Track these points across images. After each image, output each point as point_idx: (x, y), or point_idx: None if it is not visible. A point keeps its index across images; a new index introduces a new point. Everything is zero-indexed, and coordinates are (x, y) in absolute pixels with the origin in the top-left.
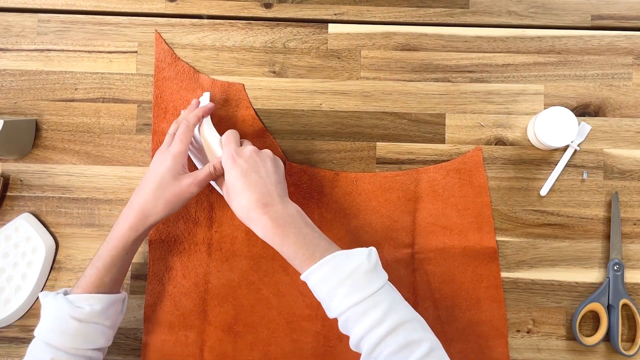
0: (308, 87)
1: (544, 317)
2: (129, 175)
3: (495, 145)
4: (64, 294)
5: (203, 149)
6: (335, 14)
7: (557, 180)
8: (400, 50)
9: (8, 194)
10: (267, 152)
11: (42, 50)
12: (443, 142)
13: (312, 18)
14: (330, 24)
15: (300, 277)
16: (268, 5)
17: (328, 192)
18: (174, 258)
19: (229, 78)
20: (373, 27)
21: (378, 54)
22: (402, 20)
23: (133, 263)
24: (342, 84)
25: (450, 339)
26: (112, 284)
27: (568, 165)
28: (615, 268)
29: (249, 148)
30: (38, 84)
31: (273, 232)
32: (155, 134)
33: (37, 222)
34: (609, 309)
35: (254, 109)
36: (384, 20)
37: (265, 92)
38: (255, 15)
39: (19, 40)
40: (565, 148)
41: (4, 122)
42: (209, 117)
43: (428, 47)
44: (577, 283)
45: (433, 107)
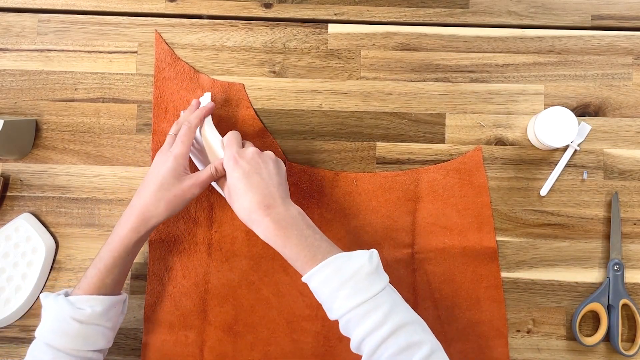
0: (308, 87)
1: (544, 317)
2: (129, 175)
3: (495, 145)
4: (65, 295)
5: (204, 150)
6: (335, 14)
7: (557, 180)
8: (400, 50)
9: (8, 194)
10: (269, 153)
11: (42, 50)
12: (443, 142)
13: (312, 18)
14: (330, 24)
15: (302, 278)
16: (268, 5)
17: (328, 192)
18: (174, 258)
19: (229, 78)
20: (373, 27)
21: (378, 54)
22: (402, 20)
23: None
24: (342, 84)
25: (450, 339)
26: (113, 285)
27: (568, 165)
28: (615, 268)
29: (251, 150)
30: (38, 84)
31: (275, 233)
32: (155, 134)
33: (37, 222)
34: (609, 309)
35: (254, 109)
36: (384, 20)
37: (265, 92)
38: (255, 15)
39: (19, 40)
40: (565, 148)
41: (4, 122)
42: (210, 117)
43: (428, 47)
44: (577, 283)
45: (433, 107)
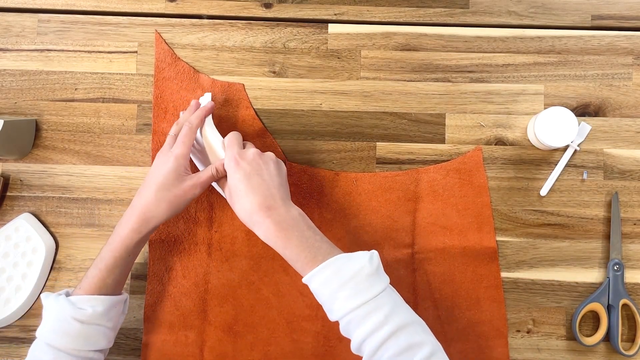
0: (308, 87)
1: (544, 317)
2: (129, 175)
3: (495, 145)
4: (66, 295)
5: (204, 150)
6: (335, 14)
7: (557, 180)
8: (400, 50)
9: (8, 194)
10: (269, 154)
11: (42, 50)
12: (443, 142)
13: (312, 18)
14: (330, 24)
15: (302, 280)
16: (268, 5)
17: (328, 192)
18: (174, 258)
19: (229, 78)
20: (373, 27)
21: (378, 54)
22: (402, 20)
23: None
24: (342, 84)
25: (450, 339)
26: (114, 286)
27: (568, 165)
28: (615, 268)
29: (252, 151)
30: (38, 84)
31: (276, 235)
32: (155, 134)
33: (37, 222)
34: (609, 309)
35: (254, 109)
36: (384, 20)
37: (265, 92)
38: (255, 15)
39: (19, 40)
40: (565, 148)
41: (4, 122)
42: (211, 118)
43: (428, 47)
44: (577, 283)
45: (433, 107)
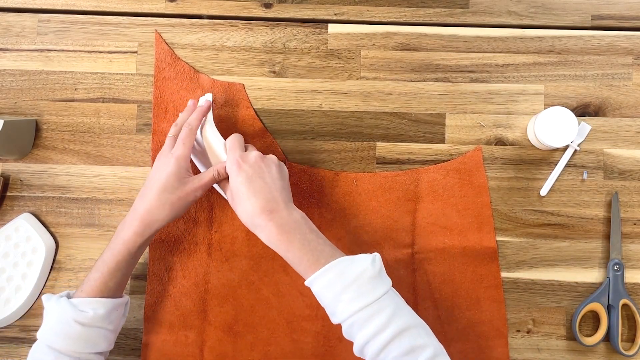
0: (308, 87)
1: (544, 317)
2: (129, 175)
3: (495, 145)
4: (67, 297)
5: (205, 151)
6: (335, 14)
7: (557, 180)
8: (400, 50)
9: (8, 194)
10: (272, 157)
11: (42, 50)
12: (443, 142)
13: (312, 18)
14: (330, 24)
15: (305, 282)
16: (268, 5)
17: (328, 192)
18: (174, 258)
19: (229, 78)
20: (373, 27)
21: (378, 54)
22: (402, 20)
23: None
24: (342, 84)
25: (450, 339)
26: (115, 288)
27: (568, 165)
28: (615, 268)
29: (254, 154)
30: (38, 84)
31: (278, 238)
32: (155, 134)
33: (37, 222)
34: (609, 309)
35: (254, 109)
36: (384, 20)
37: (265, 92)
38: (255, 15)
39: (19, 40)
40: (565, 148)
41: (4, 122)
42: (212, 119)
43: (428, 47)
44: (577, 283)
45: (433, 107)
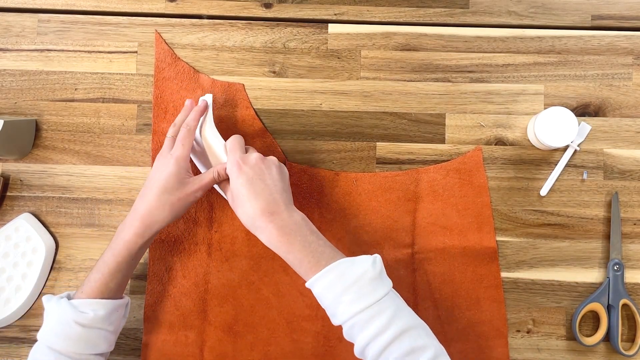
0: (308, 87)
1: (544, 317)
2: (129, 175)
3: (495, 145)
4: (68, 298)
5: (205, 152)
6: (335, 14)
7: (557, 180)
8: (400, 50)
9: (8, 194)
10: (272, 159)
11: (42, 50)
12: (443, 142)
13: (312, 18)
14: (330, 24)
15: (306, 284)
16: (268, 5)
17: (328, 192)
18: (174, 258)
19: (229, 78)
20: (373, 27)
21: (378, 54)
22: (402, 20)
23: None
24: (342, 84)
25: (450, 339)
26: (116, 290)
27: (568, 165)
28: (615, 268)
29: (255, 155)
30: (38, 84)
31: (279, 240)
32: (155, 134)
33: (37, 222)
34: (609, 309)
35: (254, 109)
36: (384, 20)
37: (265, 92)
38: (255, 15)
39: (19, 40)
40: (565, 148)
41: (4, 122)
42: (212, 120)
43: (428, 47)
44: (577, 283)
45: (433, 107)
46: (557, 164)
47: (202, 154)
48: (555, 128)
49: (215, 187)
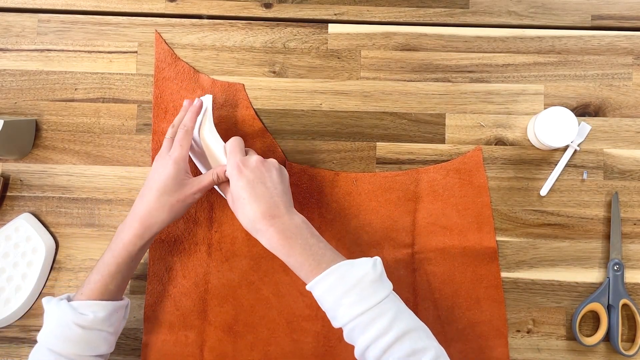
0: (308, 87)
1: (544, 317)
2: (129, 175)
3: (495, 145)
4: (67, 300)
5: (205, 153)
6: (335, 14)
7: (557, 180)
8: (400, 50)
9: (8, 194)
10: (272, 161)
11: (42, 50)
12: (443, 142)
13: (312, 18)
14: (330, 24)
15: (306, 287)
16: (268, 5)
17: (328, 192)
18: (174, 258)
19: (229, 78)
20: (373, 27)
21: (378, 54)
22: (402, 20)
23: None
24: (342, 84)
25: (450, 339)
26: (116, 291)
27: (568, 165)
28: (615, 268)
29: (255, 158)
30: (38, 84)
31: (279, 243)
32: (155, 134)
33: (37, 222)
34: (609, 309)
35: (254, 109)
36: (384, 20)
37: (265, 92)
38: (255, 15)
39: (19, 40)
40: (565, 148)
41: (4, 122)
42: (212, 121)
43: (428, 47)
44: (577, 283)
45: (433, 107)
46: (557, 164)
47: (202, 155)
48: (555, 128)
49: (215, 187)
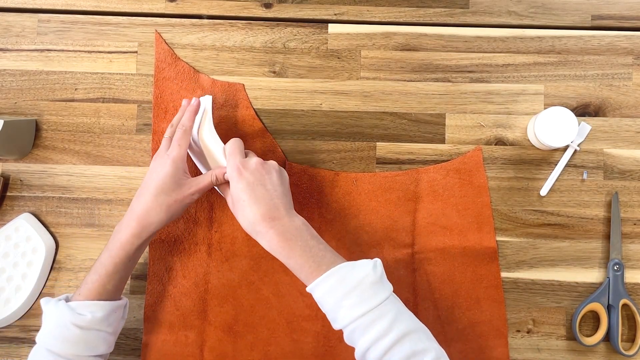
0: (308, 87)
1: (544, 317)
2: (129, 175)
3: (495, 145)
4: (66, 300)
5: (204, 153)
6: (335, 14)
7: (557, 180)
8: (400, 50)
9: (8, 194)
10: (272, 163)
11: (42, 50)
12: (443, 142)
13: (312, 18)
14: (330, 24)
15: (307, 289)
16: (268, 5)
17: (328, 192)
18: (174, 258)
19: (229, 78)
20: (373, 27)
21: (378, 54)
22: (402, 20)
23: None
24: (342, 84)
25: (450, 339)
26: (114, 291)
27: (568, 165)
28: (615, 268)
29: (255, 160)
30: (38, 84)
31: (280, 245)
32: (155, 134)
33: (37, 222)
34: (609, 309)
35: (254, 109)
36: (384, 20)
37: (265, 92)
38: (255, 15)
39: (19, 40)
40: (565, 148)
41: (4, 122)
42: (211, 122)
43: (428, 47)
44: (577, 283)
45: (433, 107)
46: (557, 164)
47: (201, 155)
48: (555, 128)
49: (216, 187)
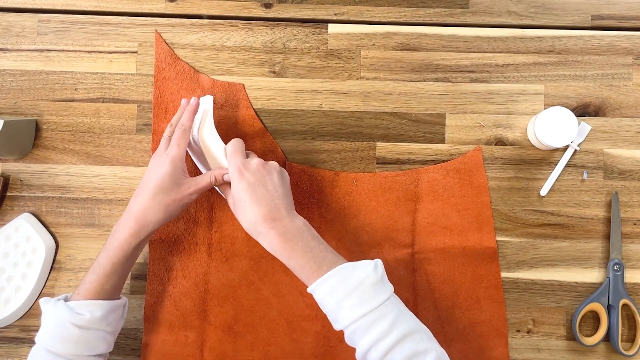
0: (308, 87)
1: (544, 317)
2: (129, 175)
3: (495, 145)
4: (65, 300)
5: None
6: (335, 14)
7: (557, 180)
8: (400, 50)
9: (8, 194)
10: (273, 164)
11: (42, 50)
12: (443, 142)
13: (312, 18)
14: (330, 24)
15: (308, 289)
16: (268, 5)
17: (328, 192)
18: (174, 258)
19: (229, 78)
20: (373, 27)
21: (378, 54)
22: (402, 20)
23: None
24: (342, 84)
25: (450, 339)
26: (112, 291)
27: (568, 165)
28: (615, 268)
29: (256, 161)
30: (38, 84)
31: (281, 246)
32: (155, 134)
33: (37, 222)
34: (609, 309)
35: (254, 109)
36: (384, 20)
37: (265, 92)
38: (255, 15)
39: (19, 40)
40: (565, 148)
41: (4, 122)
42: (212, 122)
43: (428, 47)
44: (577, 283)
45: (433, 107)
46: (557, 164)
47: (201, 155)
48: (555, 128)
49: (216, 188)
